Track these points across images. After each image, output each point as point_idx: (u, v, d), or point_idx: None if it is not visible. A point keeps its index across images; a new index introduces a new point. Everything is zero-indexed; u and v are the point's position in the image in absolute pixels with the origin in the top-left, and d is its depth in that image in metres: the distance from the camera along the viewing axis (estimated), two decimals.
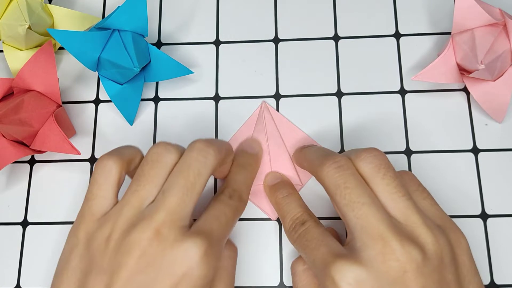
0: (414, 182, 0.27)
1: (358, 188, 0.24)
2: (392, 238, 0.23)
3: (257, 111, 0.34)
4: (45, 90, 0.32)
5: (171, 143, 0.26)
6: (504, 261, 0.30)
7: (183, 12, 0.37)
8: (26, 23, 0.32)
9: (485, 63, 0.29)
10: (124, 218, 0.24)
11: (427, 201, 0.27)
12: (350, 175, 0.25)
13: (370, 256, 0.23)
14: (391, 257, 0.22)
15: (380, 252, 0.23)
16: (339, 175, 0.25)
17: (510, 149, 0.32)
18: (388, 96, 0.34)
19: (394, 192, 0.24)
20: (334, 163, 0.25)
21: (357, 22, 0.35)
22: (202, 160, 0.25)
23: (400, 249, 0.23)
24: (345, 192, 0.24)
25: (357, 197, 0.24)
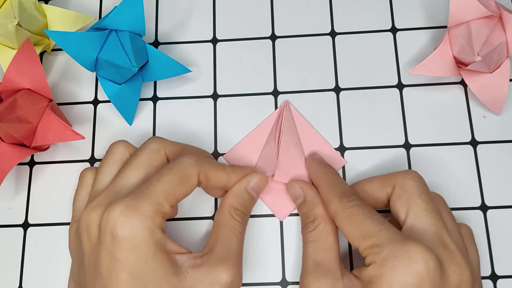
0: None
1: (439, 204, 0.28)
2: (460, 256, 0.25)
3: (278, 110, 0.33)
4: (35, 87, 0.32)
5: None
6: (505, 252, 0.30)
7: (180, 11, 0.37)
8: (16, 20, 0.32)
9: (481, 55, 0.30)
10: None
11: None
12: (429, 190, 0.27)
13: (441, 259, 0.24)
14: (457, 269, 0.24)
15: (450, 260, 0.25)
16: (424, 185, 0.27)
17: (508, 141, 0.32)
18: (386, 91, 0.34)
19: (456, 229, 0.27)
20: (417, 174, 0.28)
21: (353, 17, 0.35)
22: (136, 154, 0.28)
23: (466, 267, 0.25)
24: (429, 200, 0.26)
25: (437, 210, 0.26)
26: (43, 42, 0.35)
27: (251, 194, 0.29)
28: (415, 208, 0.26)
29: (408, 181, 0.27)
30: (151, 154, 0.27)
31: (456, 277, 0.24)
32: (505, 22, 0.30)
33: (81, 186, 0.30)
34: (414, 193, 0.27)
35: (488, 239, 0.31)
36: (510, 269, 0.30)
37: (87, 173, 0.30)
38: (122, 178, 0.27)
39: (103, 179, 0.28)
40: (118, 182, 0.27)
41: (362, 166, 0.32)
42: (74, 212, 0.29)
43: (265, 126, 0.33)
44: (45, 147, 0.34)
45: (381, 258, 0.24)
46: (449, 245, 0.25)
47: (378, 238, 0.25)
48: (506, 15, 0.30)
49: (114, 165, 0.28)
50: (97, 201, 0.26)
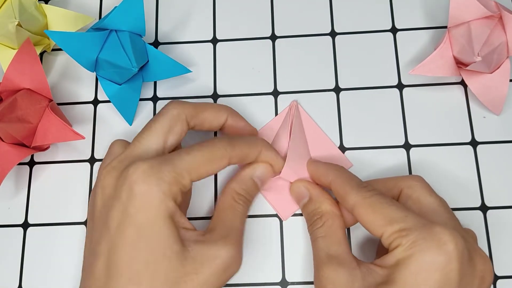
0: None
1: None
2: (480, 248, 0.26)
3: (286, 109, 0.33)
4: (35, 87, 0.32)
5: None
6: (505, 253, 0.30)
7: (180, 11, 0.37)
8: (16, 20, 0.32)
9: (481, 55, 0.30)
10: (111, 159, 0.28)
11: None
12: None
13: (459, 246, 0.24)
14: (480, 259, 0.25)
15: (473, 249, 0.25)
16: (430, 187, 0.28)
17: (508, 141, 0.32)
18: (386, 91, 0.34)
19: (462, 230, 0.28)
20: (423, 178, 0.29)
21: (353, 17, 0.36)
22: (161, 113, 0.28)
23: (486, 257, 0.26)
24: (440, 199, 0.27)
25: (448, 207, 0.28)
26: (43, 42, 0.35)
27: (255, 182, 0.30)
28: (430, 205, 0.26)
29: (416, 182, 0.28)
30: (172, 120, 0.27)
31: (480, 266, 0.25)
32: (505, 22, 0.30)
33: (108, 155, 0.29)
34: (425, 193, 0.27)
35: (488, 239, 0.30)
36: (510, 269, 0.30)
37: (117, 143, 0.29)
38: (141, 143, 0.27)
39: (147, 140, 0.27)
40: (137, 147, 0.27)
41: (362, 166, 0.32)
42: None
43: (273, 124, 0.33)
44: (45, 147, 0.34)
45: (410, 240, 0.24)
46: (468, 239, 0.25)
47: (406, 223, 0.25)
48: (506, 15, 0.30)
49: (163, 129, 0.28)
50: (118, 160, 0.26)
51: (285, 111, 0.33)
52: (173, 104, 0.28)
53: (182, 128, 0.28)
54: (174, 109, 0.28)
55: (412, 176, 0.29)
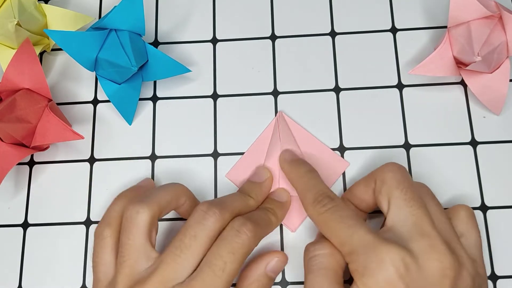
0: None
1: (417, 192, 0.26)
2: (441, 243, 0.24)
3: (274, 121, 0.33)
4: (34, 87, 0.32)
5: (142, 201, 0.27)
6: (505, 253, 0.30)
7: (180, 11, 0.37)
8: (15, 20, 0.32)
9: (481, 55, 0.30)
10: (121, 286, 0.26)
11: None
12: (411, 180, 0.27)
13: (418, 250, 0.24)
14: (437, 257, 0.24)
15: (428, 250, 0.24)
16: (403, 175, 0.27)
17: (508, 141, 0.32)
18: (386, 91, 0.34)
19: (440, 214, 0.27)
20: (396, 164, 0.27)
21: (353, 17, 0.35)
22: (199, 223, 0.26)
23: (446, 254, 0.24)
24: (407, 189, 0.26)
25: (417, 198, 0.26)
26: (42, 41, 0.35)
27: (269, 276, 0.28)
28: (394, 199, 0.26)
29: (387, 173, 0.27)
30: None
31: (437, 264, 0.24)
32: (505, 22, 0.30)
33: (102, 248, 0.28)
34: (392, 185, 0.26)
35: (488, 239, 0.31)
36: (510, 269, 0.30)
37: (104, 232, 0.28)
38: (131, 267, 0.26)
39: (139, 257, 0.26)
40: (128, 271, 0.26)
41: (362, 166, 0.32)
42: (99, 276, 0.27)
43: (263, 139, 0.33)
44: (44, 147, 0.34)
45: (360, 266, 0.24)
46: (429, 232, 0.25)
47: (352, 244, 0.25)
48: (506, 15, 0.30)
49: (144, 239, 0.26)
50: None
51: (272, 124, 0.33)
52: (215, 215, 0.26)
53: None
54: (216, 223, 0.26)
55: (385, 166, 0.28)
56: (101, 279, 0.27)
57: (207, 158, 0.33)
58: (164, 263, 0.25)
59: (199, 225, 0.26)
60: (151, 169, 0.33)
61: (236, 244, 0.25)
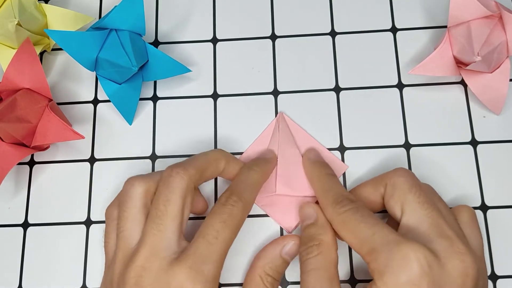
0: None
1: (429, 195, 0.27)
2: (460, 242, 0.25)
3: (274, 122, 0.33)
4: (34, 86, 0.32)
5: (138, 176, 0.28)
6: (505, 252, 0.30)
7: (180, 11, 0.37)
8: (15, 19, 0.32)
9: (481, 55, 0.30)
10: (118, 262, 0.26)
11: None
12: (420, 183, 0.27)
13: (439, 249, 0.24)
14: (458, 256, 0.24)
15: (449, 249, 0.24)
16: (414, 179, 0.27)
17: (508, 141, 0.32)
18: (386, 91, 0.34)
19: (449, 214, 0.27)
20: (406, 170, 0.28)
21: (353, 17, 0.36)
22: (167, 186, 0.26)
23: (467, 253, 0.24)
24: (420, 192, 0.26)
25: (430, 201, 0.26)
26: (43, 41, 0.35)
27: (284, 258, 0.29)
28: (408, 203, 0.26)
29: (398, 178, 0.27)
30: (184, 197, 0.26)
31: (459, 263, 0.24)
32: (505, 22, 0.30)
33: (111, 228, 0.28)
34: (405, 189, 0.27)
35: (488, 239, 0.31)
36: (510, 269, 0.30)
37: (114, 213, 0.28)
38: (162, 232, 0.25)
39: (132, 230, 0.26)
40: (159, 238, 0.25)
41: (362, 166, 0.32)
42: (108, 255, 0.28)
43: (262, 139, 0.33)
44: (45, 146, 0.34)
45: (380, 264, 0.24)
46: (447, 232, 0.25)
47: (373, 242, 0.25)
48: (506, 15, 0.30)
49: (139, 212, 0.27)
50: (144, 259, 0.25)
51: (272, 124, 0.33)
52: (179, 174, 0.26)
53: (196, 199, 0.28)
54: (182, 181, 0.26)
55: (395, 171, 0.28)
56: (108, 258, 0.28)
57: None
58: (149, 234, 0.26)
59: (168, 188, 0.26)
60: (151, 169, 0.33)
61: (225, 215, 0.26)
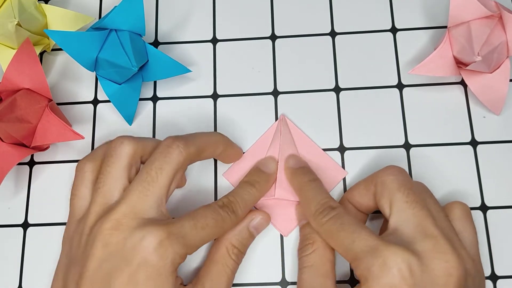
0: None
1: (419, 193, 0.27)
2: (445, 242, 0.24)
3: (276, 124, 0.33)
4: (34, 87, 0.32)
5: (129, 136, 0.28)
6: (505, 253, 0.30)
7: (180, 11, 0.37)
8: (15, 20, 0.32)
9: (481, 55, 0.30)
10: (92, 215, 0.26)
11: None
12: (412, 182, 0.27)
13: (422, 250, 0.24)
14: (441, 256, 0.24)
15: (432, 250, 0.24)
16: (404, 177, 0.27)
17: (508, 141, 0.32)
18: (386, 91, 0.34)
19: (440, 211, 0.27)
20: (397, 167, 0.28)
21: (353, 17, 0.36)
22: (165, 155, 0.26)
23: (451, 252, 0.24)
24: (409, 191, 0.26)
25: (420, 200, 0.26)
26: (43, 42, 0.35)
27: (251, 232, 0.29)
28: (396, 202, 0.26)
29: (387, 176, 0.27)
30: (176, 169, 0.26)
31: (442, 264, 0.24)
32: (505, 22, 0.30)
33: (81, 182, 0.28)
34: (393, 188, 0.26)
35: (488, 239, 0.31)
36: (510, 269, 0.30)
37: (85, 167, 0.28)
38: (146, 195, 0.25)
39: (113, 187, 0.26)
40: (142, 200, 0.25)
41: (362, 166, 0.32)
42: (74, 210, 0.28)
43: (263, 141, 0.33)
44: (44, 147, 0.34)
45: (364, 271, 0.24)
46: (432, 232, 0.25)
47: (354, 250, 0.25)
48: (506, 15, 0.30)
49: (123, 171, 0.27)
50: (122, 214, 0.25)
51: (274, 126, 0.33)
52: (179, 148, 0.26)
53: (182, 175, 0.27)
54: (180, 155, 0.26)
55: (385, 169, 0.28)
56: (75, 212, 0.28)
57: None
58: (132, 194, 0.25)
59: (165, 158, 0.26)
60: None
61: (219, 216, 0.27)
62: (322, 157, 0.32)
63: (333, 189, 0.32)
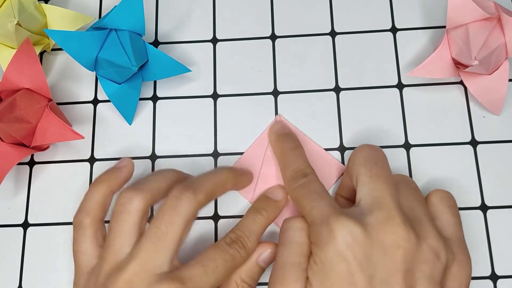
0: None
1: (385, 169, 0.27)
2: (398, 216, 0.24)
3: (272, 124, 0.33)
4: (34, 86, 0.32)
5: (136, 188, 0.27)
6: (505, 252, 0.30)
7: (180, 11, 0.37)
8: (15, 19, 0.32)
9: (479, 58, 0.29)
10: (103, 274, 0.25)
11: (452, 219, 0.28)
12: (383, 158, 0.27)
13: (373, 222, 0.24)
14: (391, 229, 0.24)
15: (383, 222, 0.24)
16: (370, 153, 0.27)
17: (508, 141, 0.32)
18: (386, 91, 0.34)
19: (413, 194, 0.27)
20: (370, 146, 0.28)
21: (353, 17, 0.36)
22: (174, 208, 0.26)
23: (401, 226, 0.24)
24: (373, 166, 0.26)
25: (383, 175, 0.26)
26: (42, 41, 0.35)
27: (261, 266, 0.29)
28: (360, 176, 0.26)
29: (356, 154, 0.28)
30: (189, 221, 0.26)
31: (391, 236, 0.24)
32: (504, 24, 0.30)
33: (81, 237, 0.27)
34: (360, 163, 0.27)
35: (488, 239, 0.31)
36: (510, 269, 0.30)
37: (83, 222, 0.28)
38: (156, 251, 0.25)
39: (124, 243, 0.26)
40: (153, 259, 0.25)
41: None
42: (80, 265, 0.27)
43: (260, 143, 0.33)
44: (44, 147, 0.34)
45: (315, 238, 0.25)
46: (388, 205, 0.25)
47: (312, 216, 0.26)
48: (504, 17, 0.30)
49: (134, 227, 0.26)
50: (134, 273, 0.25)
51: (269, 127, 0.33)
52: (188, 199, 0.26)
53: (193, 221, 0.27)
54: (190, 206, 0.26)
55: (358, 147, 0.28)
56: (81, 265, 0.27)
57: (207, 158, 0.33)
58: (143, 250, 0.25)
59: (174, 210, 0.26)
60: (151, 169, 0.33)
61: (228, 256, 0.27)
62: (320, 153, 0.32)
63: (333, 185, 0.32)
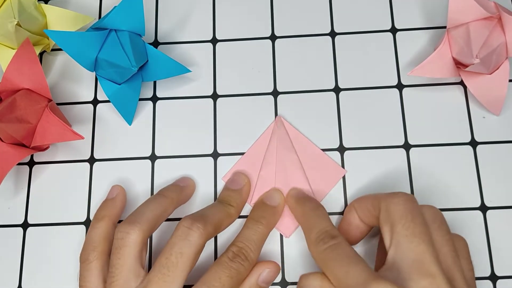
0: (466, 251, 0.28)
1: (422, 225, 0.25)
2: (442, 281, 0.23)
3: (272, 126, 0.33)
4: (34, 87, 0.32)
5: (132, 222, 0.27)
6: (504, 253, 0.30)
7: (180, 11, 0.37)
8: (15, 20, 0.32)
9: (480, 57, 0.29)
10: None
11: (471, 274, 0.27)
12: (419, 212, 0.26)
13: (415, 286, 0.23)
14: None
15: (427, 284, 0.23)
16: (407, 207, 0.26)
17: (508, 141, 0.32)
18: (386, 91, 0.34)
19: (446, 245, 0.26)
20: (405, 195, 0.26)
21: (353, 17, 0.36)
22: (184, 238, 0.26)
23: (442, 285, 0.23)
24: (410, 224, 0.25)
25: (420, 233, 0.25)
26: (42, 42, 0.35)
27: (261, 286, 0.28)
28: (396, 235, 0.25)
29: (392, 205, 0.26)
30: (197, 254, 0.27)
31: None
32: (504, 24, 0.30)
33: (88, 272, 0.28)
34: (395, 219, 0.25)
35: (488, 239, 0.31)
36: (510, 269, 0.30)
37: (90, 257, 0.28)
38: (166, 282, 0.25)
39: (128, 278, 0.26)
40: (162, 286, 0.25)
41: (362, 166, 0.32)
42: None
43: (260, 143, 0.33)
44: (44, 147, 0.34)
45: None
46: (430, 269, 0.23)
47: (347, 282, 0.24)
48: (505, 17, 0.30)
49: (135, 260, 0.27)
50: None
51: (270, 128, 0.33)
52: (199, 230, 0.26)
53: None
54: (201, 238, 0.26)
55: (393, 195, 0.26)
56: None
57: (207, 158, 0.33)
58: (153, 282, 0.25)
59: (184, 242, 0.26)
60: (151, 169, 0.33)
61: (233, 271, 0.27)
62: (320, 156, 0.32)
63: (333, 189, 0.32)
